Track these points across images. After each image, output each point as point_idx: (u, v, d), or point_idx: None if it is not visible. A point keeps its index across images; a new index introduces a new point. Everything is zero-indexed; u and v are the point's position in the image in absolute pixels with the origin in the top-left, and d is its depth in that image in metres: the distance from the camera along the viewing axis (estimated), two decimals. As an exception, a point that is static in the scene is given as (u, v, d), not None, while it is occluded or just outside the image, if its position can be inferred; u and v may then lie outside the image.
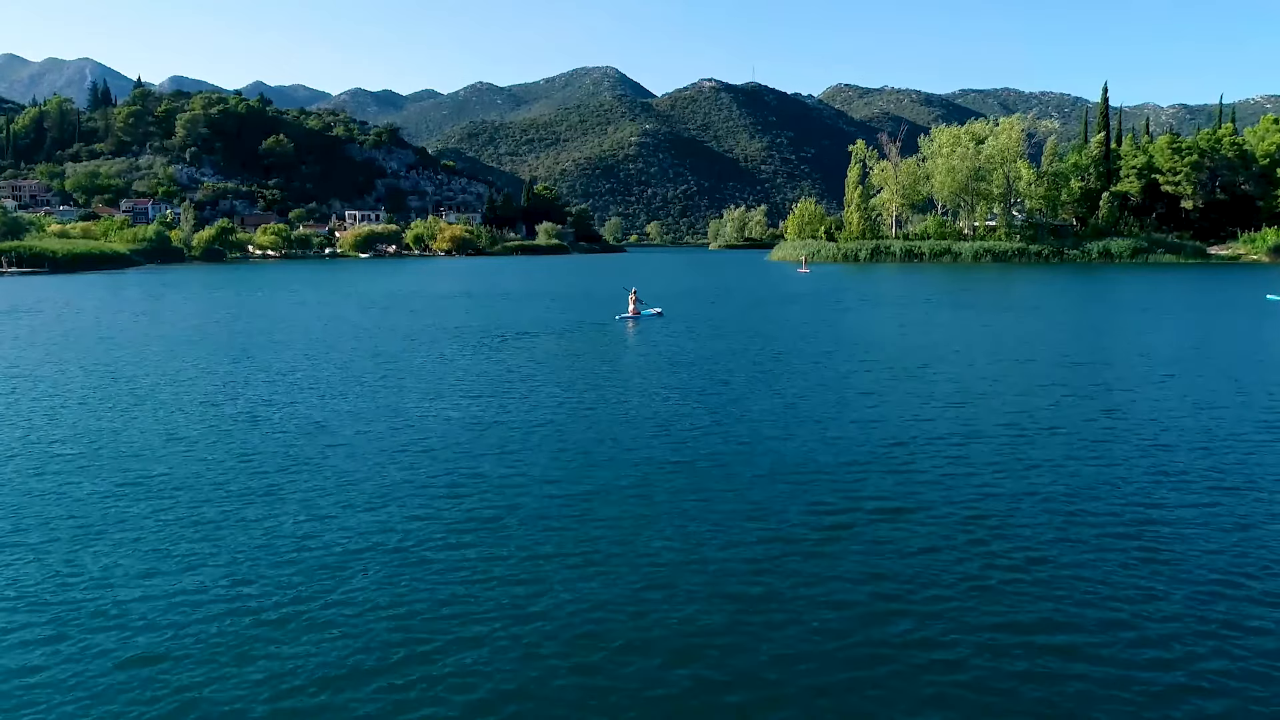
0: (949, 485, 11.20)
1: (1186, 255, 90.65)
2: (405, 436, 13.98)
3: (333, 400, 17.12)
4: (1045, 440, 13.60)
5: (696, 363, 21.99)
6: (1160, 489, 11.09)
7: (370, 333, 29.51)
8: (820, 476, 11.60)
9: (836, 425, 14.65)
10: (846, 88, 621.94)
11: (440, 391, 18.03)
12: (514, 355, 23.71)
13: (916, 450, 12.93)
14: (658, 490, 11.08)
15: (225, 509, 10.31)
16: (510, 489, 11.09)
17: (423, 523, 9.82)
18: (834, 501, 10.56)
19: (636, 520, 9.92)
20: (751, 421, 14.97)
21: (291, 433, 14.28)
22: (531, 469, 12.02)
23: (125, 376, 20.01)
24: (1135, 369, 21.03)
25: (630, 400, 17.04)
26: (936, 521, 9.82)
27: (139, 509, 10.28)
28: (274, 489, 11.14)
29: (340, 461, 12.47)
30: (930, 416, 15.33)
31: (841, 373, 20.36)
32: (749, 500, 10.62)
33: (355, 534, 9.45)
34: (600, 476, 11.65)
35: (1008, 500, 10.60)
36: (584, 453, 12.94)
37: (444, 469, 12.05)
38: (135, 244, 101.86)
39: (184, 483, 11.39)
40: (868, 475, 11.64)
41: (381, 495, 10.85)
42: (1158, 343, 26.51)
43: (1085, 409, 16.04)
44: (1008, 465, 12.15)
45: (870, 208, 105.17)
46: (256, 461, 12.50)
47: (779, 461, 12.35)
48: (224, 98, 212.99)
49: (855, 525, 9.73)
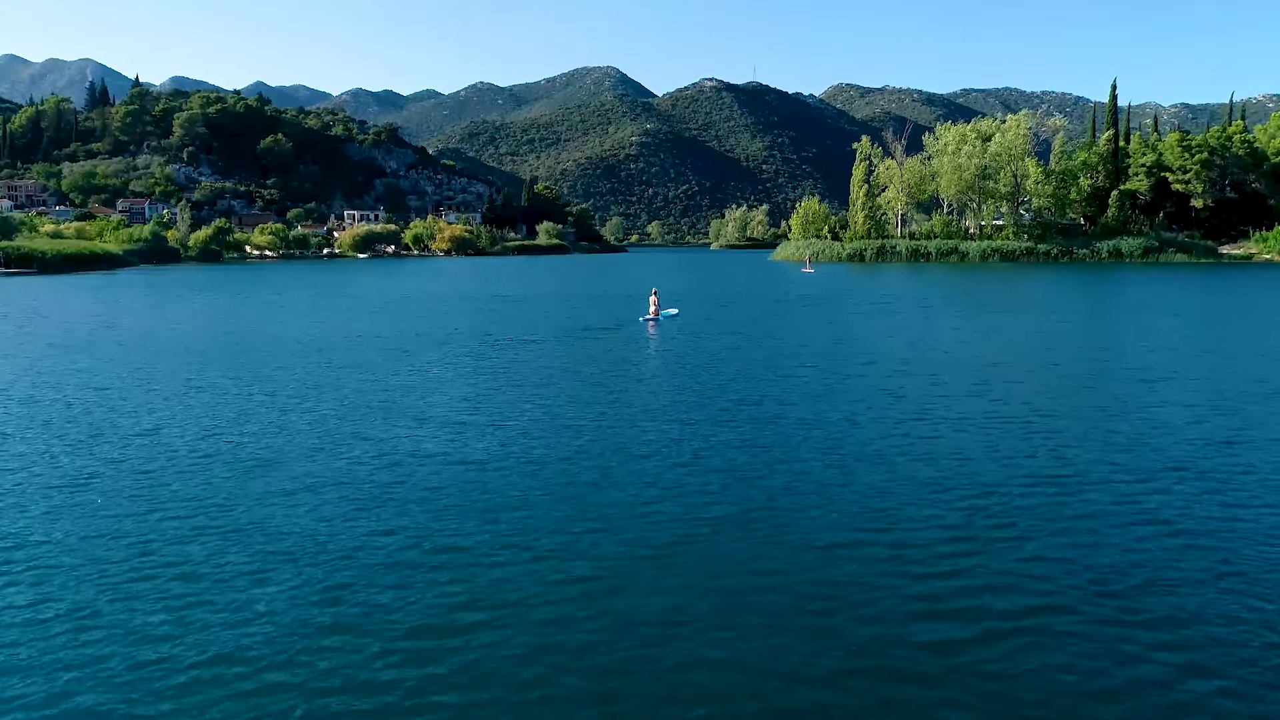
0: (1066, 554, 8.75)
1: (1198, 255, 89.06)
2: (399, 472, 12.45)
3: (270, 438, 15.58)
4: (1206, 504, 10.39)
5: (738, 380, 19.03)
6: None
7: (353, 344, 28.01)
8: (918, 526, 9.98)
9: (924, 464, 12.02)
10: (848, 87, 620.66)
11: (430, 416, 16.50)
12: (526, 368, 22.17)
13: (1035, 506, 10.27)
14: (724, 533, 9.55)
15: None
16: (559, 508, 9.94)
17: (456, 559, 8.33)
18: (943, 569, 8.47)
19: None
20: (819, 450, 12.81)
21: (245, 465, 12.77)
22: (588, 484, 10.77)
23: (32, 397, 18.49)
24: (1238, 386, 18.54)
25: (671, 428, 14.93)
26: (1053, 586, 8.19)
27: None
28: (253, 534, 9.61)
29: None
30: (1031, 452, 12.71)
31: (921, 397, 17.01)
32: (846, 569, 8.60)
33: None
34: (663, 510, 10.19)
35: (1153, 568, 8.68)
36: (644, 479, 11.47)
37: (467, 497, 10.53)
38: (130, 244, 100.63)
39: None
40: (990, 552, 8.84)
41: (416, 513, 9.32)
42: (1239, 351, 24.20)
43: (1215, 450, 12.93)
44: (1160, 538, 9.25)
45: (875, 207, 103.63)
46: (173, 508, 10.98)
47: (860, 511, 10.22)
48: (222, 97, 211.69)
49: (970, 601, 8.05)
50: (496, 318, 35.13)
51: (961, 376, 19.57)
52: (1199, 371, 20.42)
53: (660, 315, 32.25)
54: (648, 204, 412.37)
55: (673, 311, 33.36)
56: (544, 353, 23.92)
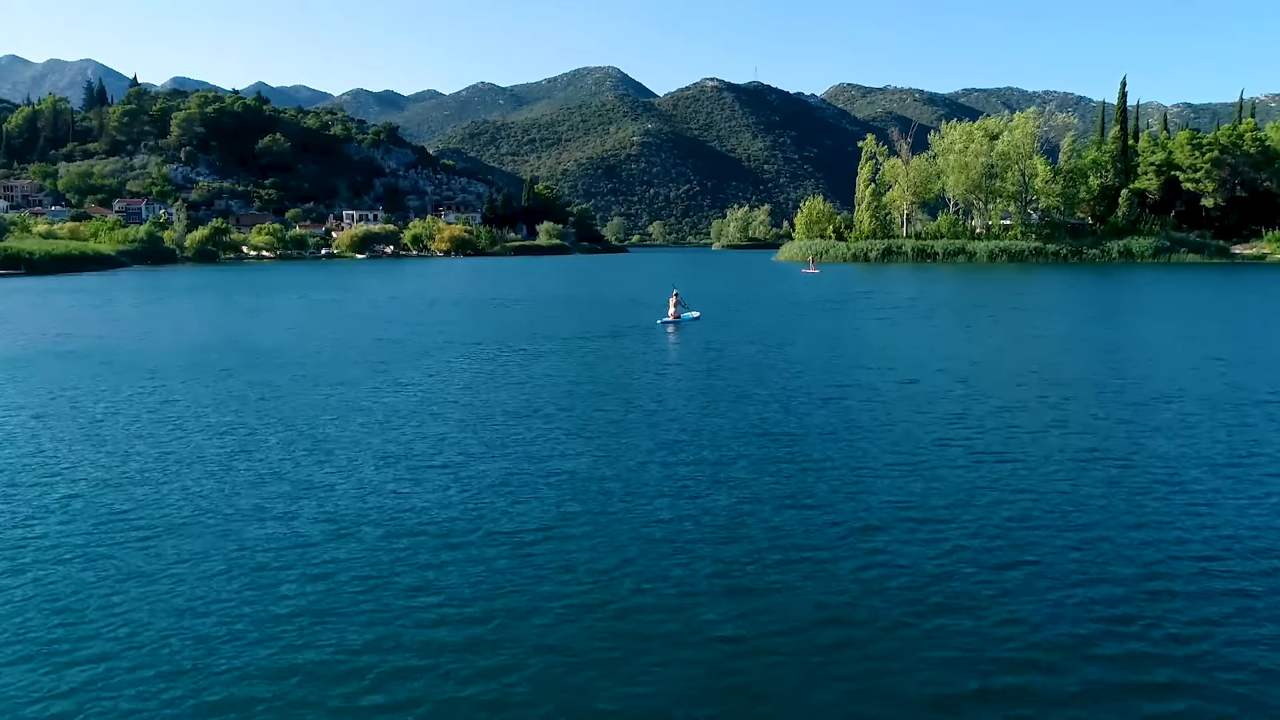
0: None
1: (1210, 255, 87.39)
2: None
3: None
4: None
5: (778, 398, 16.80)
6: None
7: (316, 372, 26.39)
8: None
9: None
10: (849, 87, 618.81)
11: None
12: (545, 382, 20.61)
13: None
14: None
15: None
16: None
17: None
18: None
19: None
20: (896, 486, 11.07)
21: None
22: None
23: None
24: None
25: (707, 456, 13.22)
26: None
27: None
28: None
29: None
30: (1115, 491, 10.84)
31: (995, 425, 14.59)
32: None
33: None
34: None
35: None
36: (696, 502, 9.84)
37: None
38: (125, 245, 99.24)
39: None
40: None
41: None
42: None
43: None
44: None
45: (880, 206, 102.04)
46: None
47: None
48: (220, 96, 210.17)
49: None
50: (491, 325, 33.55)
51: (1043, 400, 16.71)
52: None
53: (681, 317, 30.84)
54: (649, 204, 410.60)
55: (694, 314, 31.85)
56: (554, 363, 22.31)
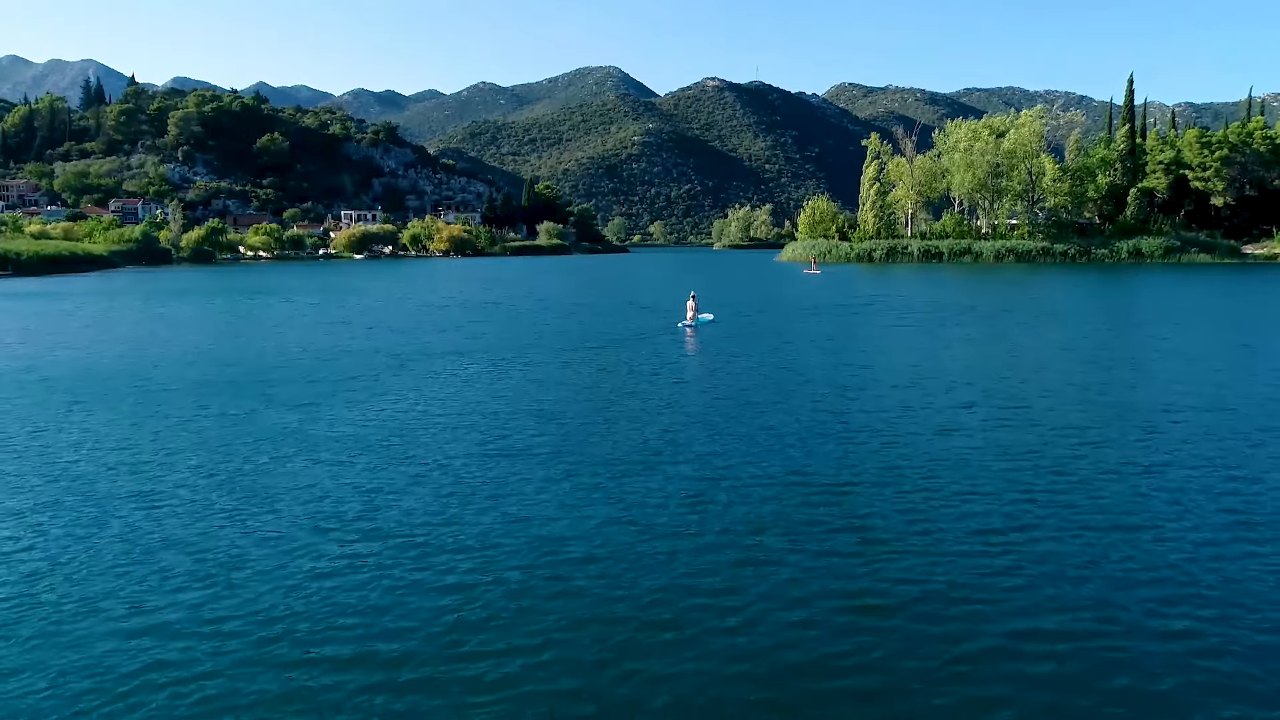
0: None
1: (1221, 255, 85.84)
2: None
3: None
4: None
5: (827, 434, 13.95)
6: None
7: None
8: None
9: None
10: (850, 86, 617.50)
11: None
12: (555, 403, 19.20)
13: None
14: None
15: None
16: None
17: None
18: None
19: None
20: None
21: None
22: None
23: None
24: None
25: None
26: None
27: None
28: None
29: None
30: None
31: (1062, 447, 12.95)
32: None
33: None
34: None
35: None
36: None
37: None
38: (120, 245, 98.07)
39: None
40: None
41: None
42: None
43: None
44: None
45: (886, 205, 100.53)
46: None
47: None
48: (218, 95, 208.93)
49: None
50: (487, 335, 32.14)
51: (1128, 426, 14.51)
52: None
53: (696, 320, 31.00)
54: (650, 204, 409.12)
55: (707, 317, 32.30)
56: (575, 377, 20.91)
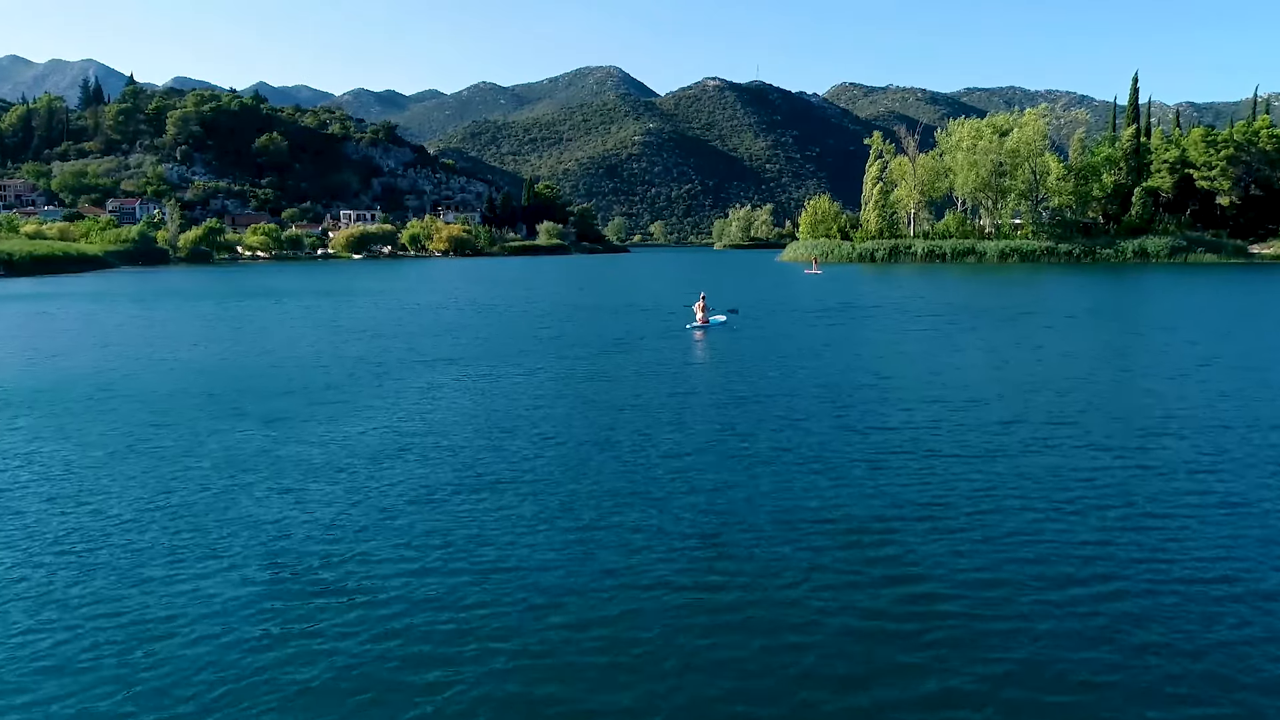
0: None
1: (1227, 254, 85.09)
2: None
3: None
4: None
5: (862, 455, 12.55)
6: None
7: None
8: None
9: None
10: (851, 86, 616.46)
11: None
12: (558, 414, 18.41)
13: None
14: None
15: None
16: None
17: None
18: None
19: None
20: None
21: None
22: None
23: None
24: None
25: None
26: None
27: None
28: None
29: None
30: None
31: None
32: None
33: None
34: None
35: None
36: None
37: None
38: (117, 245, 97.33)
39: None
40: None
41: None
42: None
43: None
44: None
45: (888, 205, 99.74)
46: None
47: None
48: (216, 95, 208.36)
49: None
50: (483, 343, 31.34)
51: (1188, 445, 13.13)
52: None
53: (710, 321, 29.57)
54: (650, 204, 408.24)
55: (721, 318, 30.50)
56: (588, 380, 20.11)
